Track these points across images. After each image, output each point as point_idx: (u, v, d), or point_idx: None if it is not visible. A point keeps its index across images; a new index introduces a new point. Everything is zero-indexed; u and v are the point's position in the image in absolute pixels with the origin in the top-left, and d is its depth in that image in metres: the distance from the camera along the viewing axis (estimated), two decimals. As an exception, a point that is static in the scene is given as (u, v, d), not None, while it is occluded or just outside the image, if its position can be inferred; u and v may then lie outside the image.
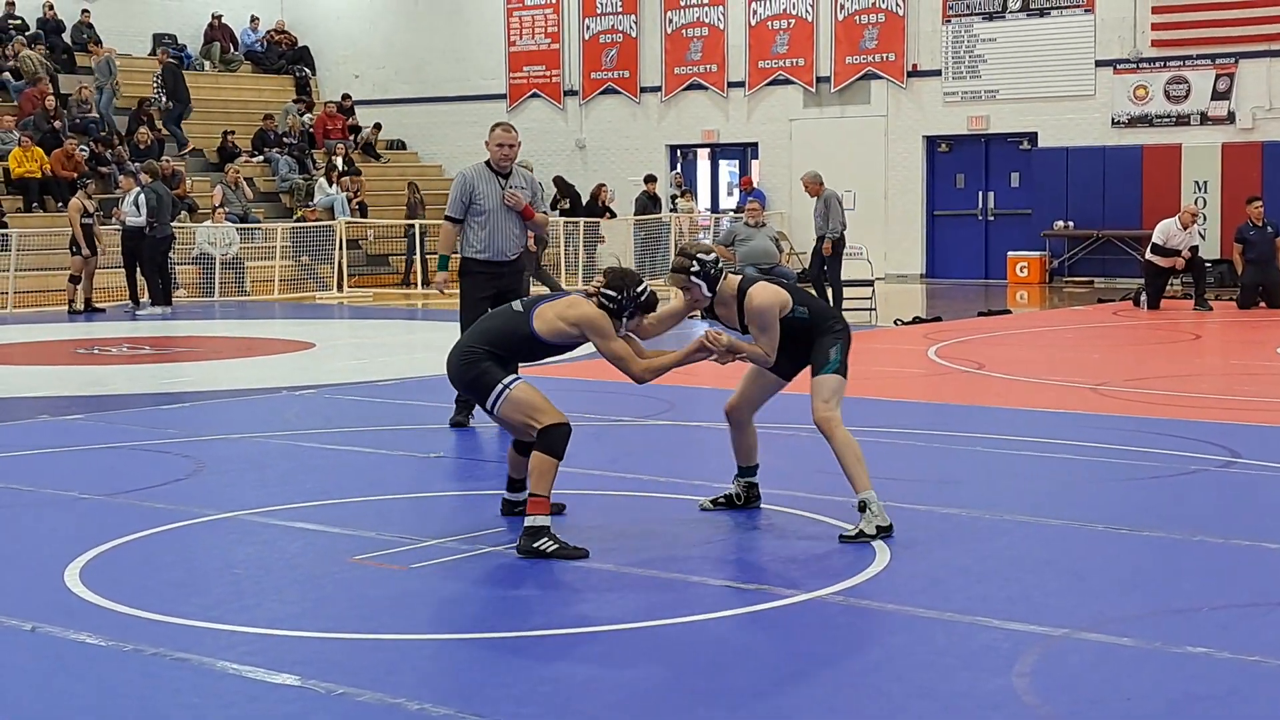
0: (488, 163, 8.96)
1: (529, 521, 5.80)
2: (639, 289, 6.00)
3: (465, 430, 8.97)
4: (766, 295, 6.10)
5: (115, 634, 4.82)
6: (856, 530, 6.05)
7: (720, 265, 6.13)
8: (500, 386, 5.87)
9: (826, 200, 17.47)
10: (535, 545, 5.75)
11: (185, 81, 25.39)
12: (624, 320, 6.02)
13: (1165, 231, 17.72)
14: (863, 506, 6.07)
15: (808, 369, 6.26)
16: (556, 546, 5.75)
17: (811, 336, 6.21)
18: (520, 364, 6.36)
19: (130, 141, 23.62)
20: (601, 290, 6.00)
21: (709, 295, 6.12)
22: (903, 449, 8.34)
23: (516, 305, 6.12)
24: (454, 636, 4.86)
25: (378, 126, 28.05)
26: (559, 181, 25.14)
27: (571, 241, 23.43)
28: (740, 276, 6.27)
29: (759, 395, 6.48)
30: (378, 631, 4.87)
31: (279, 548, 6.09)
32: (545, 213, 9.38)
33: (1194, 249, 17.71)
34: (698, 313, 6.43)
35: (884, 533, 6.03)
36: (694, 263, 6.07)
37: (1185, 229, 17.70)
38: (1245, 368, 12.44)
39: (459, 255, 9.00)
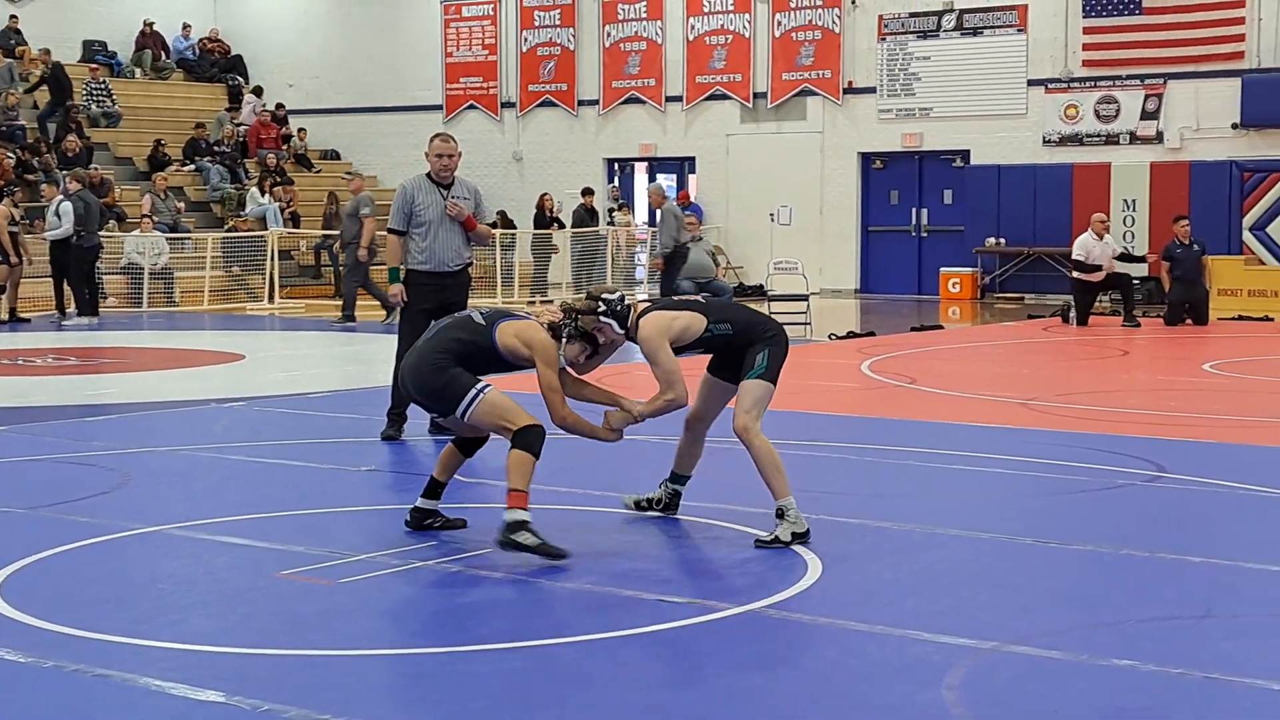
0: (429, 174, 8.92)
1: (510, 516, 5.79)
2: (619, 297, 6.15)
3: (397, 444, 8.90)
4: (649, 326, 6.11)
5: (36, 650, 4.73)
6: (772, 536, 6.11)
7: (626, 302, 6.18)
8: (473, 393, 5.90)
9: (663, 214, 17.57)
10: (515, 538, 5.75)
11: (67, 78, 24.84)
12: (563, 343, 6.08)
13: (1084, 246, 17.96)
14: (780, 513, 6.14)
15: None
16: (538, 542, 5.76)
17: (743, 348, 6.25)
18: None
19: (58, 149, 23.30)
20: (601, 298, 6.08)
21: (621, 332, 6.15)
22: (836, 462, 8.37)
23: (477, 317, 6.13)
24: (382, 652, 4.81)
25: (302, 131, 27.84)
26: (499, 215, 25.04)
27: (511, 254, 23.33)
28: (643, 306, 6.30)
29: (717, 404, 6.54)
30: (304, 647, 4.81)
31: (205, 562, 6.01)
32: (492, 224, 9.31)
33: (1124, 256, 17.95)
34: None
35: (800, 539, 6.10)
36: (599, 303, 6.11)
37: (1100, 239, 17.95)
38: (1172, 383, 12.61)
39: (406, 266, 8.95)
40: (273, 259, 22.07)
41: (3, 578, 5.64)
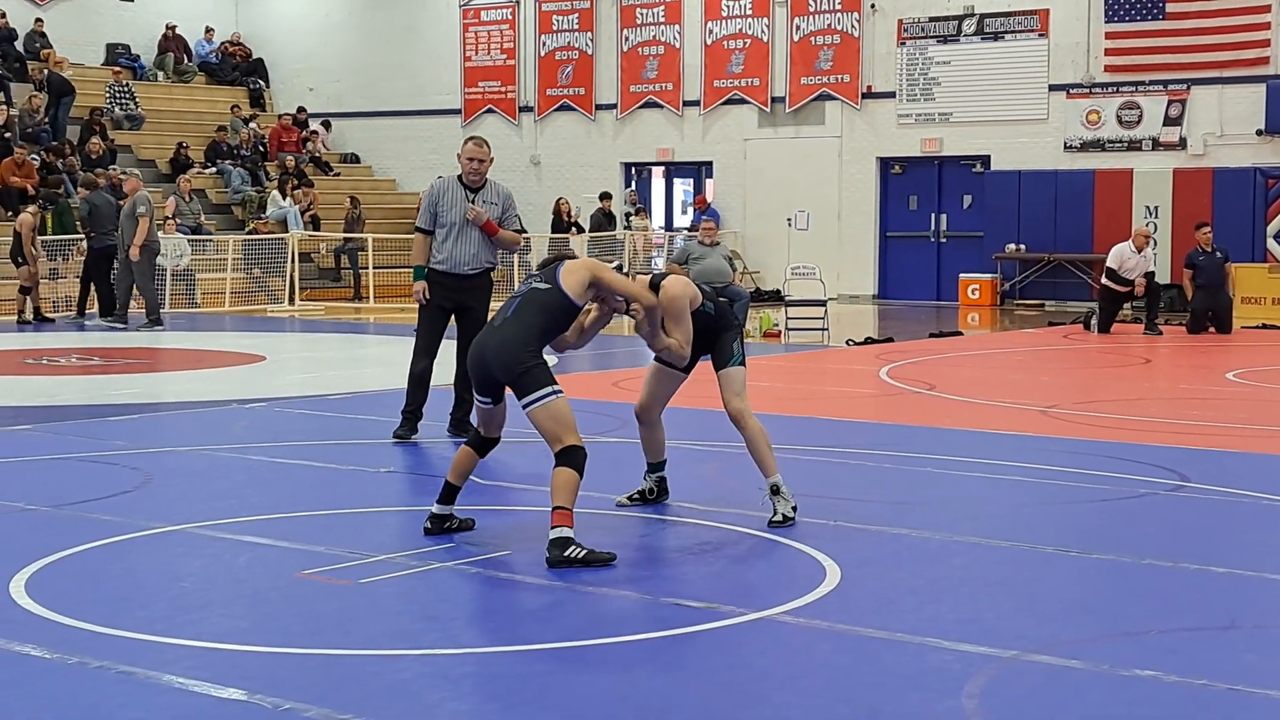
0: (460, 176, 8.94)
1: (556, 534, 5.89)
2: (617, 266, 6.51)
3: (415, 445, 8.92)
4: (678, 285, 6.55)
5: (60, 647, 4.75)
6: (780, 515, 6.55)
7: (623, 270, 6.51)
8: (548, 390, 6.02)
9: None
10: (566, 554, 5.85)
11: (64, 80, 24.90)
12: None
13: (1120, 256, 17.85)
14: (775, 489, 6.60)
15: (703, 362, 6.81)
16: (585, 553, 5.87)
17: (715, 331, 6.70)
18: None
19: (82, 151, 23.40)
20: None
21: (622, 299, 6.49)
22: (854, 469, 8.36)
23: (540, 283, 6.28)
24: (401, 653, 4.82)
25: (327, 124, 27.90)
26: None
27: (528, 257, 23.37)
28: (650, 275, 6.71)
29: (665, 392, 6.92)
30: (325, 647, 4.82)
31: (226, 561, 6.03)
32: (520, 230, 9.27)
33: (1150, 274, 17.86)
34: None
35: (794, 513, 6.59)
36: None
37: (1139, 252, 17.83)
38: (1194, 392, 12.56)
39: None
40: (293, 261, 22.14)
41: (27, 575, 5.67)
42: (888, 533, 6.54)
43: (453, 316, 9.12)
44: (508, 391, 6.24)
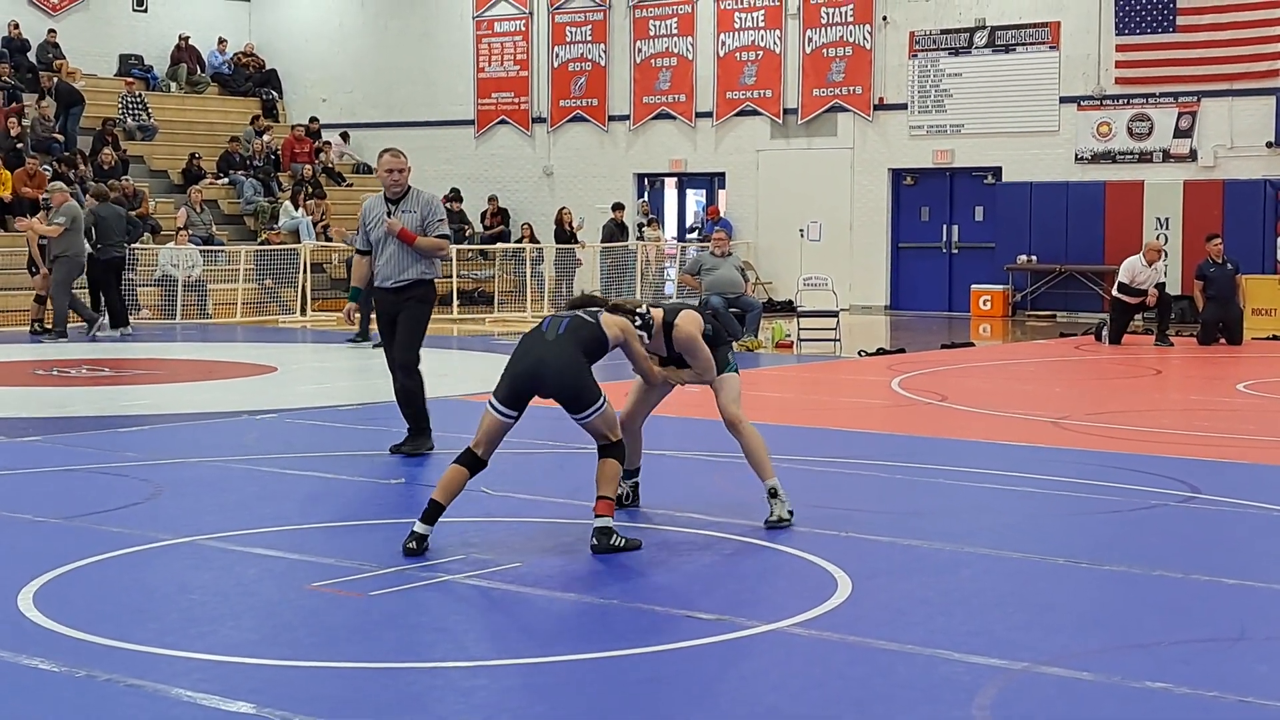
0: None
1: (602, 523, 6.28)
2: (642, 309, 6.84)
3: (425, 458, 8.91)
4: (689, 324, 6.86)
5: (69, 659, 4.76)
6: (777, 516, 6.75)
7: (648, 313, 6.88)
8: (601, 402, 6.40)
9: None
10: (610, 543, 6.24)
11: (74, 90, 24.90)
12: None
13: (1131, 269, 17.82)
14: (774, 492, 6.80)
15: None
16: (624, 541, 6.31)
17: (711, 346, 6.92)
18: None
19: (94, 162, 23.49)
20: (636, 313, 6.81)
21: (648, 339, 6.86)
22: (865, 480, 8.35)
23: (586, 315, 6.59)
24: (412, 665, 4.82)
25: (345, 135, 27.98)
26: (526, 228, 25.06)
27: (541, 268, 23.41)
28: (663, 310, 6.96)
29: (650, 403, 7.18)
30: (335, 659, 4.82)
31: (236, 573, 6.03)
32: (445, 236, 8.91)
33: (1160, 286, 17.83)
34: None
35: (790, 516, 6.79)
36: (635, 317, 6.77)
37: (1150, 265, 17.81)
38: (1206, 403, 12.53)
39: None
40: (305, 272, 22.18)
41: (36, 587, 5.68)
42: (899, 544, 6.53)
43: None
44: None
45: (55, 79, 25.01)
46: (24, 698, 4.44)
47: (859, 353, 16.43)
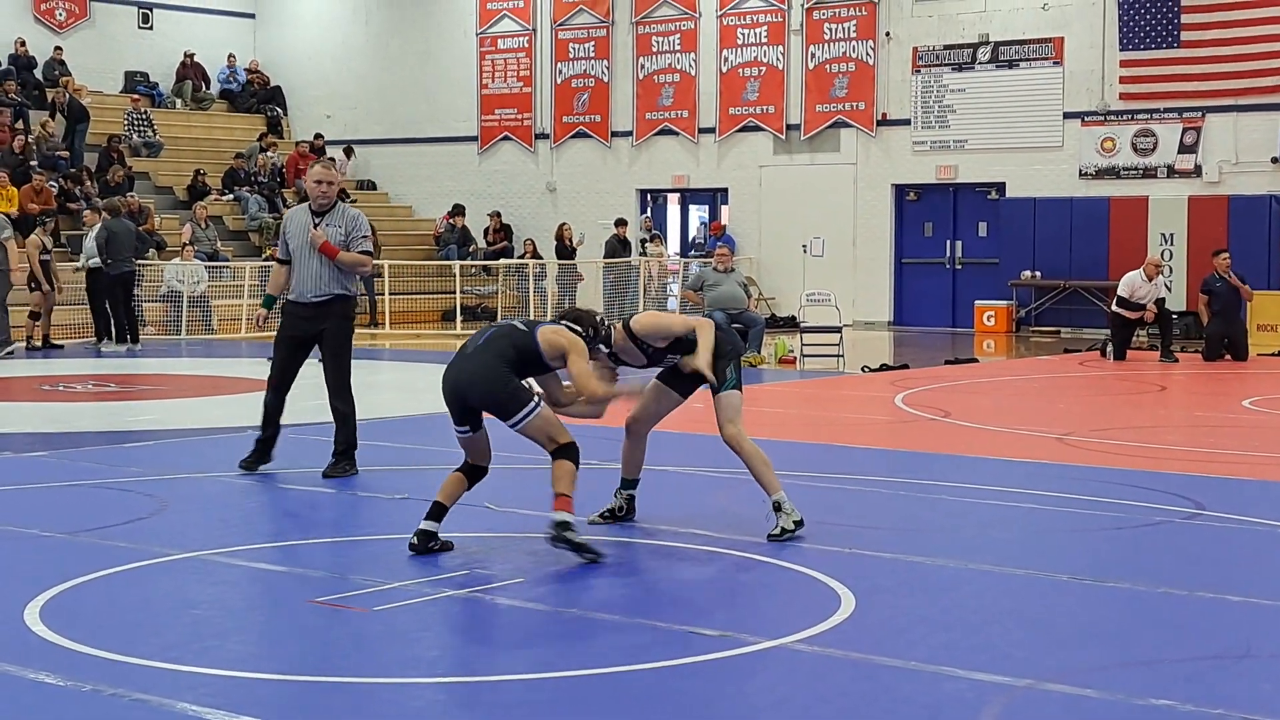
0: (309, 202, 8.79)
1: (558, 517, 6.29)
2: (599, 321, 6.66)
3: (430, 472, 8.89)
4: (645, 315, 6.91)
5: (74, 674, 4.76)
6: (780, 529, 6.73)
7: (603, 321, 6.70)
8: (532, 405, 6.37)
9: None
10: (565, 535, 6.25)
11: (81, 106, 24.93)
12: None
13: (1130, 284, 17.83)
14: (777, 506, 6.80)
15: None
16: (581, 541, 6.29)
17: (713, 359, 6.80)
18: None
19: (101, 178, 23.54)
20: (568, 326, 6.57)
21: (607, 351, 6.73)
22: (868, 496, 8.35)
23: (520, 324, 6.56)
24: (414, 680, 4.82)
25: (349, 151, 28.01)
26: (529, 244, 25.08)
27: (543, 284, 23.43)
28: (622, 320, 6.89)
29: (659, 410, 7.07)
30: (338, 674, 4.82)
31: (240, 588, 6.04)
32: (368, 252, 8.80)
33: (1160, 301, 17.83)
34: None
35: (799, 526, 6.76)
36: (590, 329, 6.57)
37: (1150, 280, 17.82)
38: (1210, 419, 12.52)
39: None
40: (309, 287, 22.15)
41: (42, 602, 5.68)
42: (902, 560, 6.53)
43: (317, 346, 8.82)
44: (486, 418, 6.47)
45: (66, 95, 25.07)
46: (30, 712, 4.44)
47: (862, 368, 16.43)
